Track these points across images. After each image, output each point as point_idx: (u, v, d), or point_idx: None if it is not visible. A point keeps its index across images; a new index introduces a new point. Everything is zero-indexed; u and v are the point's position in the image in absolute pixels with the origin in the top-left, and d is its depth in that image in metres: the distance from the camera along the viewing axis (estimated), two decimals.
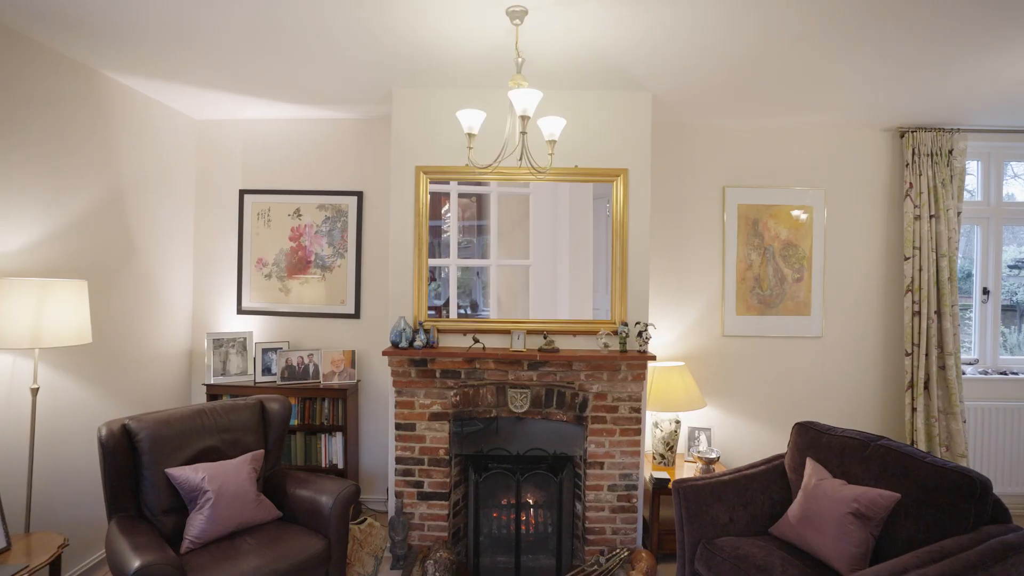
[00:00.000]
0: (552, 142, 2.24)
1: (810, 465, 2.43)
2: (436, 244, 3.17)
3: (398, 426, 3.01)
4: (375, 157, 3.61)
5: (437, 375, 2.96)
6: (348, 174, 3.70)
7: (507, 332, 3.02)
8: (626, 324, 2.97)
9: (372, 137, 3.65)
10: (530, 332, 3.01)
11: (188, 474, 2.39)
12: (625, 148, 3.09)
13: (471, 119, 2.16)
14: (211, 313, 3.75)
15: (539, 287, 3.17)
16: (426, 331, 3.00)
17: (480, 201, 3.23)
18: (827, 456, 2.44)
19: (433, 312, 3.14)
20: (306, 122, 3.70)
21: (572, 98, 3.08)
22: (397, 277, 3.08)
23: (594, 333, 3.02)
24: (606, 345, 2.93)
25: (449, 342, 3.08)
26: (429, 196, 3.09)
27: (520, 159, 2.10)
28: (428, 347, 2.98)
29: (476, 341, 2.94)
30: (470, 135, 2.17)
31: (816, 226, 3.67)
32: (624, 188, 3.05)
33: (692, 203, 3.66)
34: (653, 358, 2.89)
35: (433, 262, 3.16)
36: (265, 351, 3.56)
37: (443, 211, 3.19)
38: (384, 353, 2.89)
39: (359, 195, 3.68)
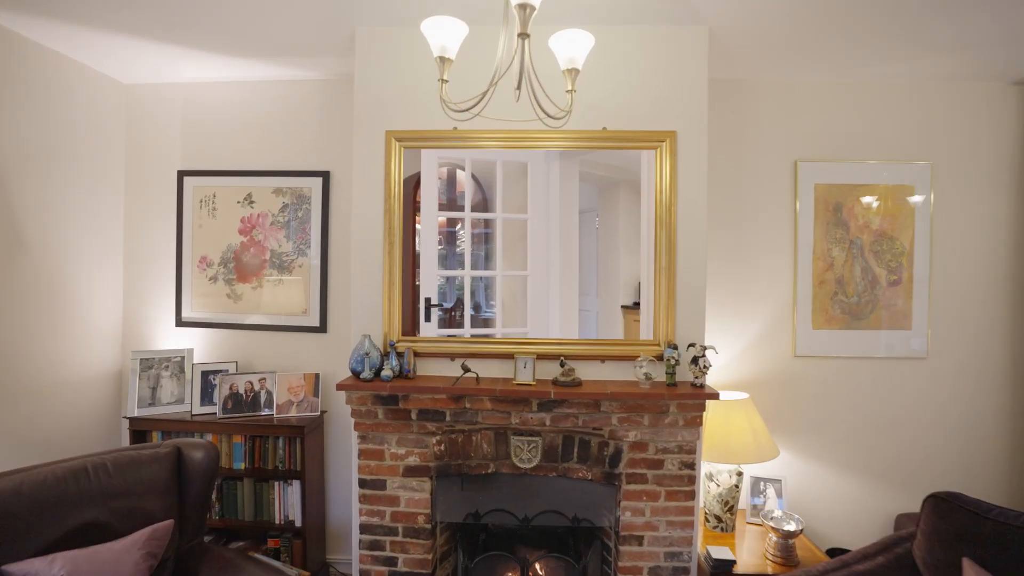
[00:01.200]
0: (572, 73, 1.41)
1: (973, 573, 1.57)
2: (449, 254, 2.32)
3: (363, 483, 2.22)
4: (344, 128, 2.82)
5: (413, 416, 2.16)
6: (311, 150, 2.92)
7: (510, 357, 2.20)
8: (674, 347, 2.13)
9: (340, 103, 2.86)
10: (541, 357, 2.19)
11: (37, 569, 1.63)
12: (671, 104, 2.25)
13: (444, 34, 1.35)
14: (144, 325, 3.00)
15: (552, 298, 2.34)
16: (399, 355, 2.20)
17: (485, 197, 2.42)
18: (1001, 558, 1.58)
19: (442, 315, 2.29)
20: (258, 85, 2.93)
21: (598, 36, 2.24)
22: (361, 281, 2.29)
23: (630, 359, 2.19)
24: (648, 376, 2.10)
25: (431, 369, 2.28)
26: (403, 169, 2.28)
27: (519, 86, 1.27)
28: (401, 377, 2.18)
29: (466, 370, 2.13)
30: (443, 61, 1.36)
31: (919, 212, 2.78)
32: (671, 158, 2.21)
33: (753, 184, 2.80)
34: (715, 396, 2.05)
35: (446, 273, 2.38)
36: (206, 374, 2.80)
37: (457, 229, 2.40)
38: (340, 387, 2.10)
39: (325, 176, 2.90)
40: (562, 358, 2.16)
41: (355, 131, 2.31)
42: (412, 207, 2.23)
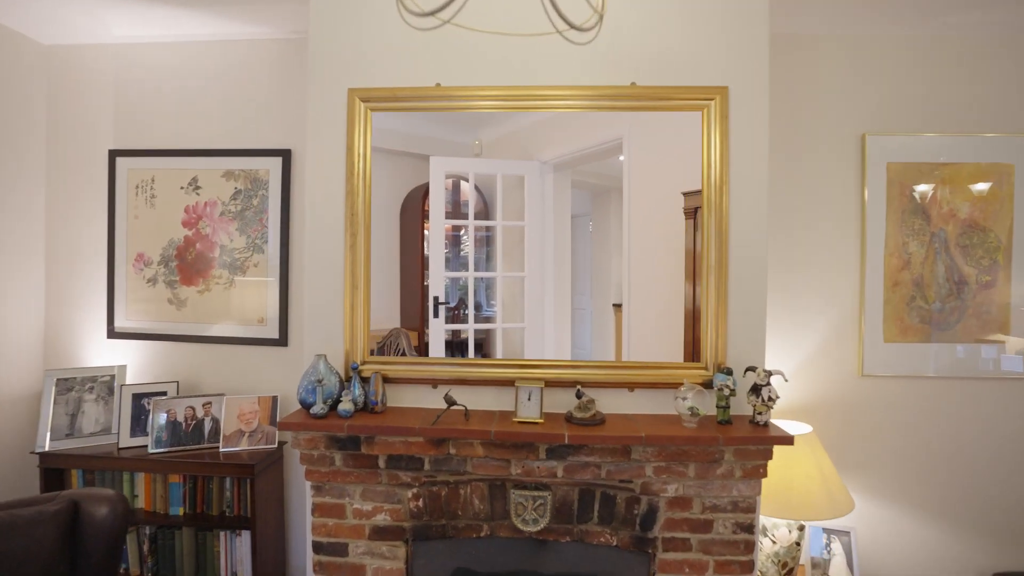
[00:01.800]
0: None
1: None
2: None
3: (318, 547, 1.69)
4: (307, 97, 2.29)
5: (381, 464, 1.64)
6: (269, 124, 2.40)
7: (508, 383, 1.67)
8: (728, 372, 1.60)
9: (302, 67, 2.32)
10: (551, 383, 1.67)
11: None
12: (721, 53, 1.72)
13: None
14: (70, 337, 2.49)
15: (547, 296, 1.81)
16: (364, 381, 1.67)
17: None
18: None
19: (448, 312, 1.79)
20: (204, 46, 2.41)
21: None
22: (316, 283, 1.77)
23: (668, 386, 1.66)
24: (693, 412, 1.56)
25: (407, 398, 1.76)
26: (370, 137, 1.76)
27: None
28: (366, 411, 1.66)
29: (451, 404, 1.60)
30: None
31: (1021, 197, 2.24)
32: (720, 123, 1.68)
33: (808, 163, 2.26)
34: (787, 439, 1.51)
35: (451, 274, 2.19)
36: (139, 398, 2.28)
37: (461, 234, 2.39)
38: (283, 425, 1.58)
39: (285, 155, 2.38)
40: (578, 387, 1.63)
41: (310, 90, 1.79)
42: (421, 215, 2.38)
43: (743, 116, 1.70)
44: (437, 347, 2.06)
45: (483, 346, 2.00)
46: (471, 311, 2.32)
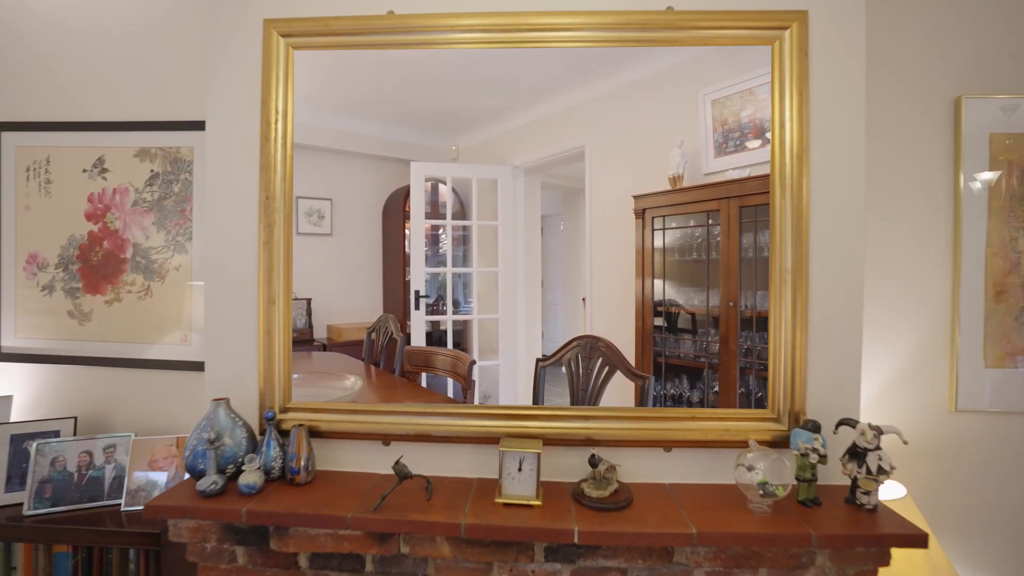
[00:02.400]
0: None
1: None
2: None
3: None
4: None
5: (303, 564, 1.11)
6: (195, 91, 1.88)
7: (491, 440, 1.15)
8: (813, 427, 1.07)
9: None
10: (551, 441, 1.14)
11: None
12: None
13: None
14: None
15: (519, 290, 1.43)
16: (282, 435, 1.15)
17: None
18: None
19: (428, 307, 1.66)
20: None
21: None
22: (216, 295, 1.25)
23: (726, 445, 1.13)
24: (766, 488, 1.04)
25: (349, 459, 1.23)
26: (291, 89, 1.24)
27: None
28: (284, 482, 1.13)
29: (403, 476, 1.08)
30: None
31: None
32: (797, 61, 1.15)
33: (886, 135, 1.74)
34: (920, 538, 0.98)
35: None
36: (19, 440, 1.78)
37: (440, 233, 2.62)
38: (151, 508, 1.06)
39: None
40: (593, 454, 1.10)
41: (212, 28, 1.27)
42: (403, 215, 2.62)
43: (830, 52, 1.17)
44: (418, 337, 2.10)
45: (461, 342, 1.95)
46: (449, 305, 2.54)
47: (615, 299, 1.98)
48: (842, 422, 1.12)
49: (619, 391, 1.81)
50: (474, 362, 1.21)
